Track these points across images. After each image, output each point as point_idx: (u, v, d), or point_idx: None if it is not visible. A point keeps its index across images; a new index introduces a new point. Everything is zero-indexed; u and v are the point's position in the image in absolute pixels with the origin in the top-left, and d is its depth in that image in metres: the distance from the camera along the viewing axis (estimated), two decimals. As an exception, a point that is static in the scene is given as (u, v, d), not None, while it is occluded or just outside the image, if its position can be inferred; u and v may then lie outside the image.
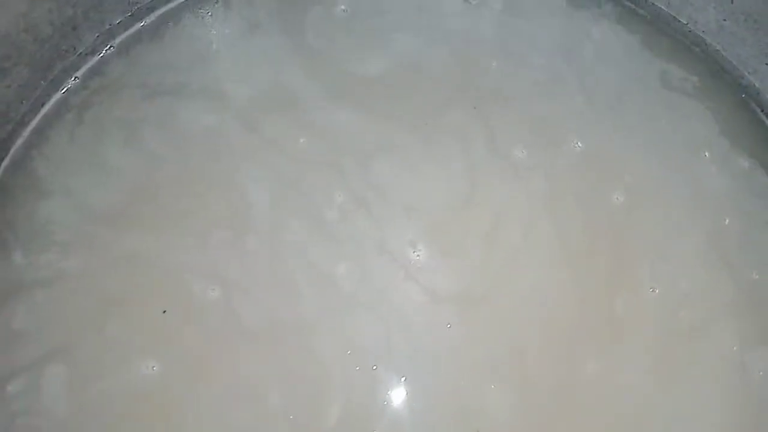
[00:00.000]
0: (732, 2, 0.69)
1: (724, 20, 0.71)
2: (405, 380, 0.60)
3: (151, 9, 0.74)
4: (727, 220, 0.66)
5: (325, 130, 0.69)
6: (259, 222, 0.65)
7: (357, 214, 0.65)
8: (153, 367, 0.60)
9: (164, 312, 0.61)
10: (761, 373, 0.61)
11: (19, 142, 0.69)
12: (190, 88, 0.70)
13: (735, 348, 0.61)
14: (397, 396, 0.60)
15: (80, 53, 0.71)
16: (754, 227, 0.66)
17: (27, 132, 0.69)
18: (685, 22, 0.74)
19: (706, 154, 0.69)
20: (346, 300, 0.62)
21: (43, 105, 0.69)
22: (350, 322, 0.61)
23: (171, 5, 0.75)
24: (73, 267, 0.63)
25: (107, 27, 0.71)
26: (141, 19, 0.74)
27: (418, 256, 0.64)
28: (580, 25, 0.75)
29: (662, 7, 0.75)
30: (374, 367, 0.60)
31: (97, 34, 0.71)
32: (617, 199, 0.66)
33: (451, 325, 0.61)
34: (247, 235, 0.64)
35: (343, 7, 0.74)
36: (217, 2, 0.76)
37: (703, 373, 0.61)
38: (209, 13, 0.75)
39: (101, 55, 0.72)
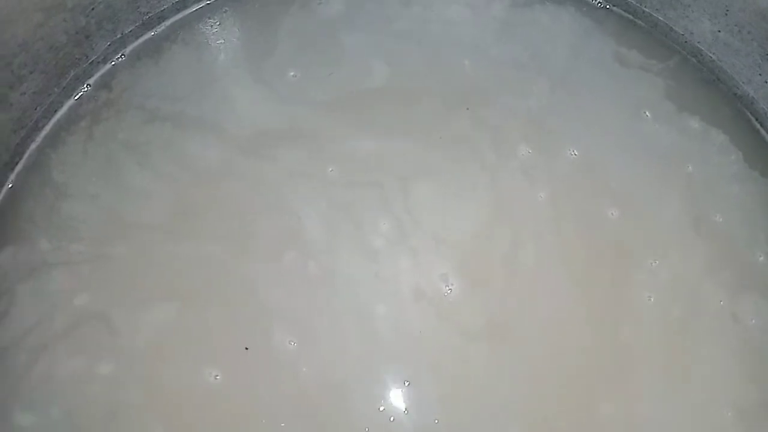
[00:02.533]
0: (726, 14, 0.71)
1: (719, 31, 0.73)
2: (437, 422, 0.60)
3: (161, 18, 0.76)
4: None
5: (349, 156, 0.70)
6: (314, 248, 0.66)
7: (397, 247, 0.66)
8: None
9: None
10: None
11: (33, 146, 0.70)
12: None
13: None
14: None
15: (92, 61, 0.73)
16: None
17: (40, 137, 0.71)
18: (681, 33, 0.76)
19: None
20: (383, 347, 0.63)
21: (56, 112, 0.71)
22: (386, 370, 0.62)
23: (181, 15, 0.77)
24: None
25: (119, 36, 0.73)
26: (152, 28, 0.76)
27: (449, 290, 0.65)
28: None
29: (660, 18, 0.77)
30: (406, 411, 0.61)
31: (108, 43, 0.73)
32: (612, 215, 0.69)
33: (480, 364, 0.62)
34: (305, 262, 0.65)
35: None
36: (225, 11, 0.78)
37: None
38: (218, 23, 0.77)
39: (113, 63, 0.74)
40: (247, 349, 0.61)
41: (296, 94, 0.73)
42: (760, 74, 0.72)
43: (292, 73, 0.74)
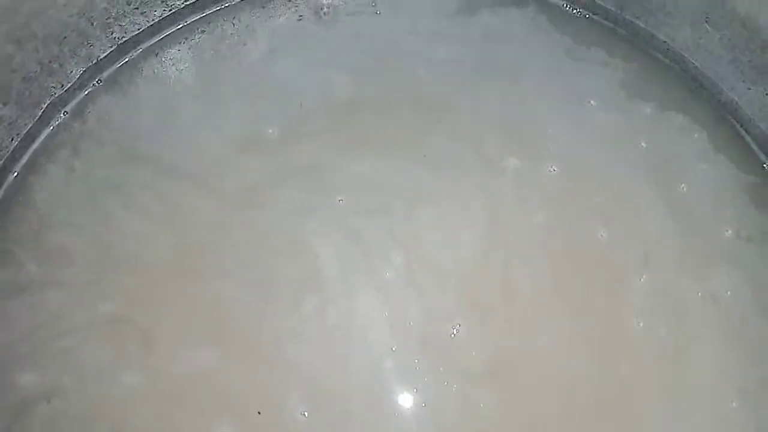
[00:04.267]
0: (707, 21, 0.70)
1: (700, 39, 0.72)
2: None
3: (136, 42, 0.75)
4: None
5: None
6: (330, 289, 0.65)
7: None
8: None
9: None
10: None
11: (11, 177, 0.70)
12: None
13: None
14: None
15: (68, 88, 0.72)
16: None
17: (18, 167, 0.70)
18: (663, 40, 0.76)
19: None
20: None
21: (33, 141, 0.71)
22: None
23: (156, 39, 0.76)
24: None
25: (94, 62, 0.73)
26: (127, 53, 0.75)
27: (456, 332, 0.63)
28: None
29: (641, 25, 0.76)
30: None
31: (83, 69, 0.72)
32: (601, 236, 0.68)
33: (484, 404, 0.61)
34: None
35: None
36: (203, 31, 0.78)
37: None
38: (197, 42, 0.77)
39: (88, 90, 0.73)
40: (259, 413, 0.60)
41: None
42: (743, 81, 0.71)
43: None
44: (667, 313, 0.64)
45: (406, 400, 0.61)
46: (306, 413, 0.60)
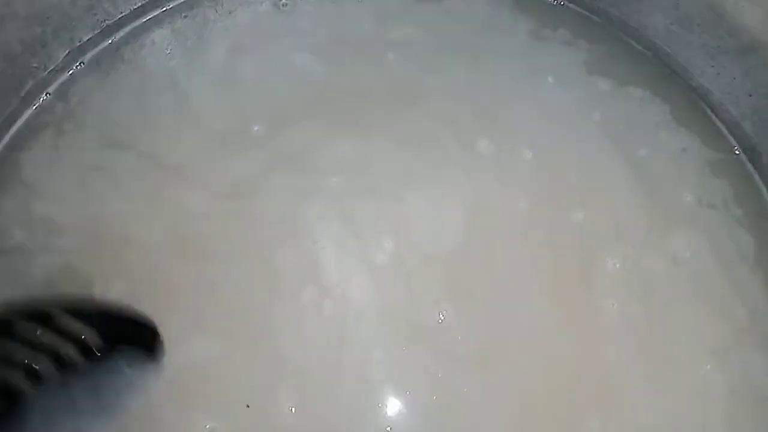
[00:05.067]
0: (677, 8, 0.72)
1: (671, 24, 0.74)
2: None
3: (120, 25, 0.76)
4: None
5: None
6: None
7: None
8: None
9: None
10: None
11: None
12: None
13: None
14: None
15: (51, 70, 0.73)
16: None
17: (1, 146, 0.71)
18: (635, 27, 0.77)
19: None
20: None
21: (16, 120, 0.72)
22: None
23: (139, 22, 0.77)
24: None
25: (77, 44, 0.74)
26: (110, 35, 0.76)
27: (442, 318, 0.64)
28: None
29: (614, 12, 0.78)
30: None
31: (67, 51, 0.73)
32: (576, 217, 0.69)
33: (470, 389, 0.62)
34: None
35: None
36: (185, 16, 0.79)
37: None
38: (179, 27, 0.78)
39: (71, 72, 0.74)
40: (248, 406, 0.60)
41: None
42: (712, 66, 0.73)
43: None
44: (639, 289, 0.66)
45: (392, 387, 0.62)
46: (294, 409, 0.61)
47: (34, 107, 0.72)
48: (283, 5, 0.79)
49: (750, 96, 0.70)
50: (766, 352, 0.63)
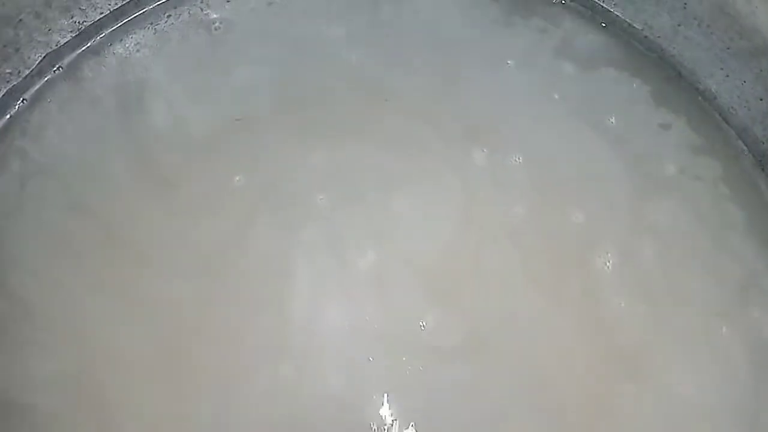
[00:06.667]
0: (685, 7, 0.69)
1: (679, 25, 0.71)
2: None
3: (99, 27, 0.72)
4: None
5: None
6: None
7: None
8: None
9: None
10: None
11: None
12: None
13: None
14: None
15: (26, 76, 0.69)
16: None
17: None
18: (640, 29, 0.75)
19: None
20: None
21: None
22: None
23: (119, 23, 0.73)
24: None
25: (53, 48, 0.69)
26: (89, 38, 0.72)
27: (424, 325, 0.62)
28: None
29: (618, 14, 0.75)
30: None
31: (42, 55, 0.69)
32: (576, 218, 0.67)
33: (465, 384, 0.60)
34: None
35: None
36: (169, 16, 0.75)
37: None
38: (163, 27, 0.74)
39: (48, 77, 0.70)
40: None
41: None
42: (721, 68, 0.70)
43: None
44: (636, 273, 0.64)
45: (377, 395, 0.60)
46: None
47: (8, 116, 0.68)
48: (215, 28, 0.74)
49: (761, 100, 0.68)
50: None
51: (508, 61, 0.73)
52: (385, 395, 0.59)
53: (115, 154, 0.67)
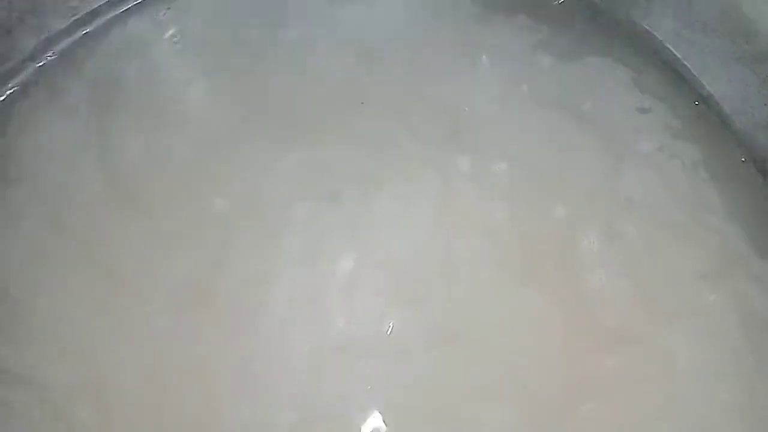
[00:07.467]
0: (689, 11, 0.69)
1: (683, 29, 0.71)
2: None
3: (95, 14, 0.71)
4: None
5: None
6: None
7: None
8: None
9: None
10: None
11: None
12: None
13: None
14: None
15: (19, 60, 0.68)
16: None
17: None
18: (644, 31, 0.74)
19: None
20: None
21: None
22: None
23: (117, 11, 0.72)
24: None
25: (46, 34, 0.68)
26: (84, 25, 0.71)
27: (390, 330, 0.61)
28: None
29: (622, 16, 0.75)
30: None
31: (35, 40, 0.68)
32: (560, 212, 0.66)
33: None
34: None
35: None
36: (168, 8, 0.74)
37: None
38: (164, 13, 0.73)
39: (41, 63, 0.69)
40: None
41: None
42: (725, 72, 0.70)
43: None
44: (618, 252, 0.63)
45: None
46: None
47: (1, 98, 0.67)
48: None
49: (766, 105, 0.67)
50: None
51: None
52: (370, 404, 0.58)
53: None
